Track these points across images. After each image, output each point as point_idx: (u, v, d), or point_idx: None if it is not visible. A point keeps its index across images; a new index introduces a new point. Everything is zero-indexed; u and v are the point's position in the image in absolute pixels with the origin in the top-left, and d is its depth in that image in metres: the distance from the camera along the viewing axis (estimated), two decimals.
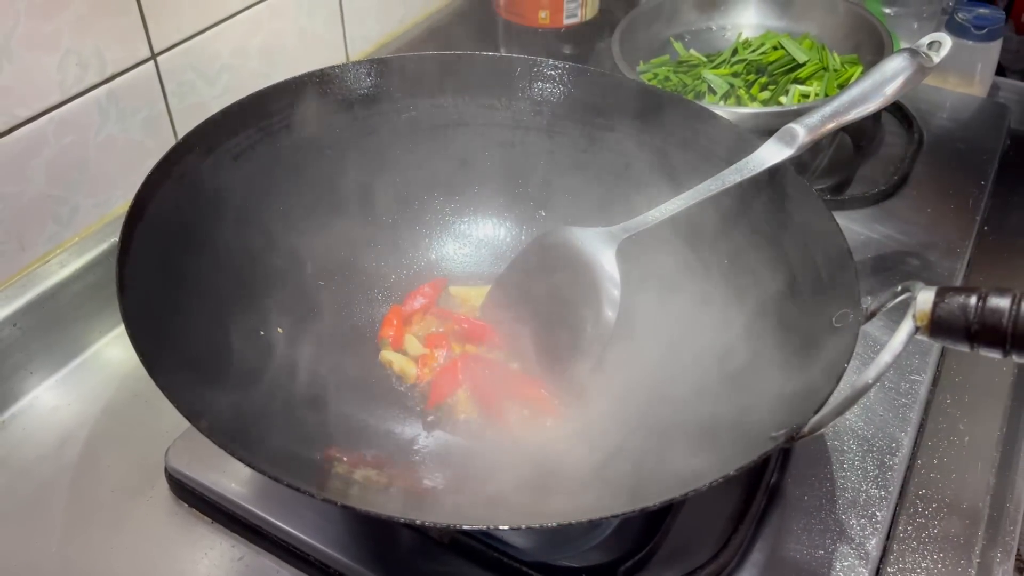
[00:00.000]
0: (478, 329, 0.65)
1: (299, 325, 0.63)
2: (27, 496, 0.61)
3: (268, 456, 0.47)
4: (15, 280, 0.68)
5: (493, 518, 0.40)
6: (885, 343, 0.44)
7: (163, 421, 0.63)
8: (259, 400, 0.55)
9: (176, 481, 0.61)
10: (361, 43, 0.95)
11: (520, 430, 0.58)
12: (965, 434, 0.66)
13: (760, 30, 1.00)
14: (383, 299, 0.69)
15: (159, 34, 0.73)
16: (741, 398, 0.52)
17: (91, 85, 0.69)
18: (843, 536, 0.58)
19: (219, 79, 0.80)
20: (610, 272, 0.61)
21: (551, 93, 0.72)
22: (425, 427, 0.60)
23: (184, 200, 0.59)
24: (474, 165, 0.73)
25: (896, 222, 0.83)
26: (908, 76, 0.66)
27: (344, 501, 0.41)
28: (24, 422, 0.66)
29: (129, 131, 0.73)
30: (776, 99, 0.88)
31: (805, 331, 0.54)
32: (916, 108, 0.96)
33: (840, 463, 0.62)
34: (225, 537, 0.59)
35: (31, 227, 0.68)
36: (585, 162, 0.71)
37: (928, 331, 0.44)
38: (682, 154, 0.68)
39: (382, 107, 0.70)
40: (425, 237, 0.72)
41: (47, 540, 0.58)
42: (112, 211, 0.74)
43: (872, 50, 0.91)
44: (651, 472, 0.49)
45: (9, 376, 0.67)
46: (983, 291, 0.43)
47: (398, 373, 0.63)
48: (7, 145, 0.64)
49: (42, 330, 0.68)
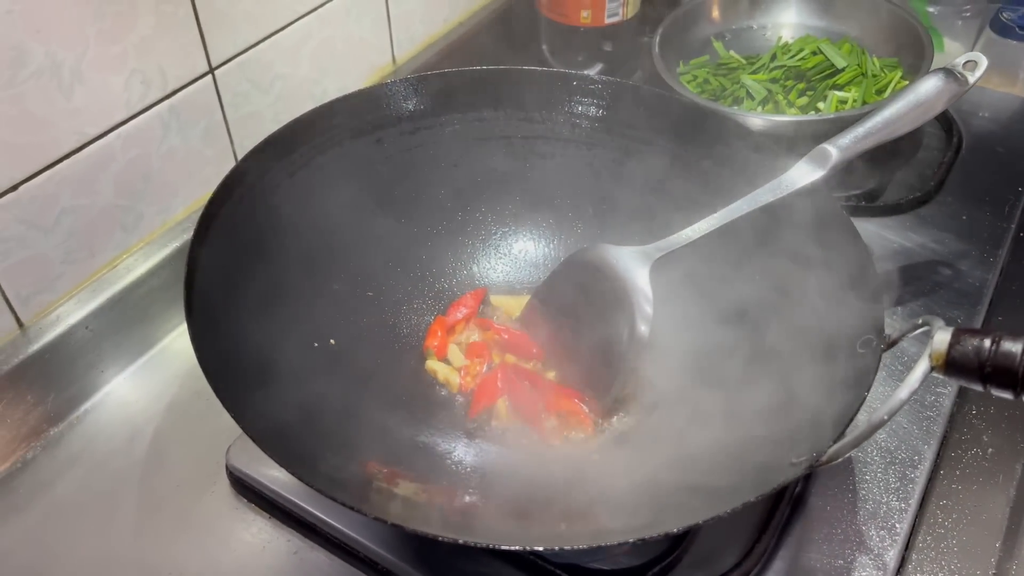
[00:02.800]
0: (518, 339, 0.68)
1: (349, 335, 0.66)
2: (101, 489, 0.66)
3: (320, 468, 0.52)
4: (86, 285, 0.73)
5: (528, 539, 0.43)
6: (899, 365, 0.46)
7: (223, 419, 0.67)
8: (310, 411, 0.59)
9: (236, 478, 0.65)
10: (407, 45, 0.98)
11: (556, 442, 0.62)
12: (988, 446, 0.68)
13: (801, 30, 1.00)
14: (427, 309, 0.72)
15: (216, 49, 0.76)
16: (763, 420, 0.55)
17: (154, 101, 0.73)
18: (863, 546, 0.61)
19: (272, 88, 0.83)
20: (644, 289, 0.63)
21: (589, 107, 0.74)
22: (466, 435, 0.64)
23: (243, 219, 0.63)
24: (514, 177, 0.75)
25: (930, 229, 0.84)
26: (943, 96, 0.67)
27: (388, 517, 0.45)
28: (97, 417, 0.71)
29: (189, 141, 0.77)
30: (814, 105, 0.89)
31: (829, 355, 0.56)
32: (957, 108, 0.96)
33: (863, 475, 0.65)
34: (281, 532, 0.63)
35: (100, 235, 0.73)
36: (622, 175, 0.74)
37: (943, 371, 0.46)
38: (717, 170, 0.70)
39: (427, 121, 0.73)
40: (468, 248, 0.75)
41: (121, 532, 0.63)
42: (174, 217, 0.79)
43: (913, 53, 0.91)
44: (676, 492, 0.52)
45: (83, 375, 0.72)
46: (997, 335, 0.45)
47: (443, 382, 0.67)
48: (79, 161, 0.68)
49: (111, 331, 0.73)
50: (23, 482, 0.67)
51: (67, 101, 0.66)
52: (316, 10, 0.84)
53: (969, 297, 0.78)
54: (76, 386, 0.72)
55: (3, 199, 0.64)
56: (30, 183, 0.66)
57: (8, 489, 0.66)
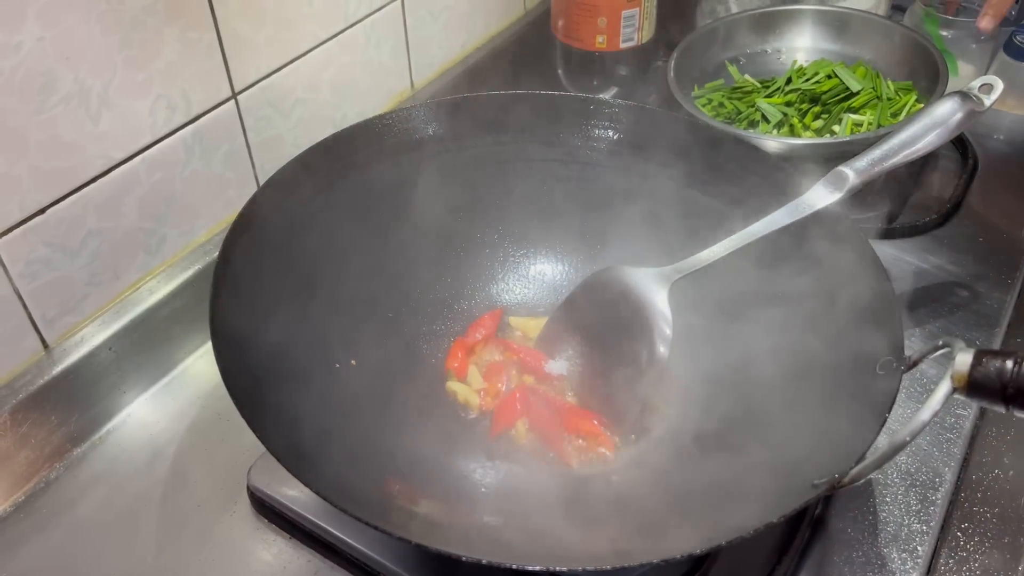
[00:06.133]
0: (537, 360, 0.69)
1: (370, 356, 0.67)
2: (123, 509, 0.67)
3: (341, 487, 0.52)
4: (110, 307, 0.74)
5: (551, 559, 0.44)
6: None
7: (243, 439, 0.68)
8: (331, 431, 0.59)
9: (257, 499, 0.66)
10: (425, 70, 0.99)
11: (576, 464, 0.62)
12: (1010, 468, 0.68)
13: (815, 54, 1.01)
14: (445, 329, 0.73)
15: (239, 75, 0.77)
16: (786, 441, 0.55)
17: (178, 125, 0.74)
18: (884, 569, 0.60)
19: (293, 112, 0.84)
20: (663, 311, 0.64)
21: (606, 130, 0.75)
22: (487, 457, 0.64)
23: (265, 242, 0.64)
24: (533, 200, 0.76)
25: (947, 251, 0.84)
26: (959, 120, 0.67)
27: (412, 537, 0.45)
28: (119, 438, 0.72)
29: (212, 165, 0.78)
30: (829, 128, 0.89)
31: (850, 377, 0.56)
32: (972, 131, 0.96)
33: (883, 497, 0.65)
34: (302, 552, 0.63)
35: (124, 258, 0.74)
36: (639, 198, 0.74)
37: (965, 392, 0.46)
38: (734, 192, 0.71)
39: (445, 145, 0.74)
40: (487, 269, 0.75)
41: (143, 551, 0.64)
42: (196, 239, 0.80)
43: (927, 76, 0.92)
44: (698, 513, 0.52)
45: (105, 395, 0.73)
46: (1019, 356, 0.45)
47: (463, 403, 0.67)
48: (105, 185, 0.70)
49: (134, 352, 0.74)
50: (46, 502, 0.67)
51: (94, 126, 0.67)
52: (336, 36, 0.86)
53: (987, 318, 0.78)
54: (99, 407, 0.72)
55: (31, 222, 0.66)
56: (57, 206, 0.67)
57: (32, 509, 0.67)
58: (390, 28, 0.92)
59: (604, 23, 0.98)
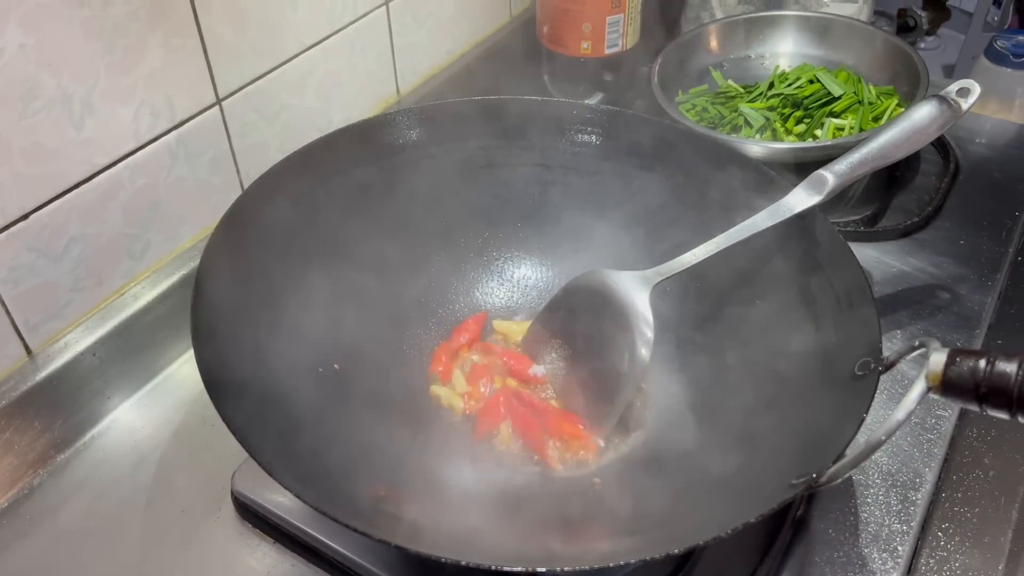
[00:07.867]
0: (520, 363, 0.69)
1: (353, 360, 0.67)
2: (107, 515, 0.67)
3: (325, 492, 0.52)
4: (94, 313, 0.74)
5: (532, 560, 0.44)
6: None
7: (227, 445, 0.67)
8: (315, 436, 0.59)
9: (241, 504, 0.66)
10: (411, 76, 1.00)
11: (559, 466, 0.62)
12: (990, 468, 0.68)
13: (798, 59, 1.02)
14: (429, 333, 0.73)
15: (224, 81, 0.78)
16: (763, 442, 0.56)
17: (162, 131, 0.74)
18: (865, 569, 0.61)
19: (278, 118, 0.85)
20: (644, 314, 0.64)
21: (590, 135, 0.76)
22: (471, 459, 0.64)
23: (249, 247, 0.64)
24: (516, 204, 0.77)
25: (928, 254, 0.85)
26: (937, 123, 0.68)
27: (394, 539, 0.46)
28: (103, 444, 0.72)
29: (196, 171, 0.78)
30: (811, 132, 0.90)
31: (828, 378, 0.57)
32: (953, 135, 0.97)
33: (864, 497, 0.65)
34: (286, 557, 0.63)
35: (108, 263, 0.74)
36: (622, 202, 0.75)
37: (939, 391, 0.47)
38: (716, 196, 0.71)
39: (430, 150, 0.75)
40: (469, 273, 0.76)
41: (127, 557, 0.64)
42: (181, 245, 0.80)
43: (908, 81, 0.93)
44: (678, 513, 0.53)
45: (89, 401, 0.73)
46: (992, 355, 0.45)
47: (446, 406, 0.67)
48: (88, 191, 0.70)
49: (118, 358, 0.74)
50: (29, 509, 0.67)
51: (77, 132, 0.67)
52: (321, 43, 0.86)
53: (968, 321, 0.78)
54: (83, 413, 0.72)
55: (14, 228, 0.66)
56: (40, 212, 0.67)
57: (15, 515, 0.66)
58: (375, 34, 0.92)
59: (589, 29, 0.99)
